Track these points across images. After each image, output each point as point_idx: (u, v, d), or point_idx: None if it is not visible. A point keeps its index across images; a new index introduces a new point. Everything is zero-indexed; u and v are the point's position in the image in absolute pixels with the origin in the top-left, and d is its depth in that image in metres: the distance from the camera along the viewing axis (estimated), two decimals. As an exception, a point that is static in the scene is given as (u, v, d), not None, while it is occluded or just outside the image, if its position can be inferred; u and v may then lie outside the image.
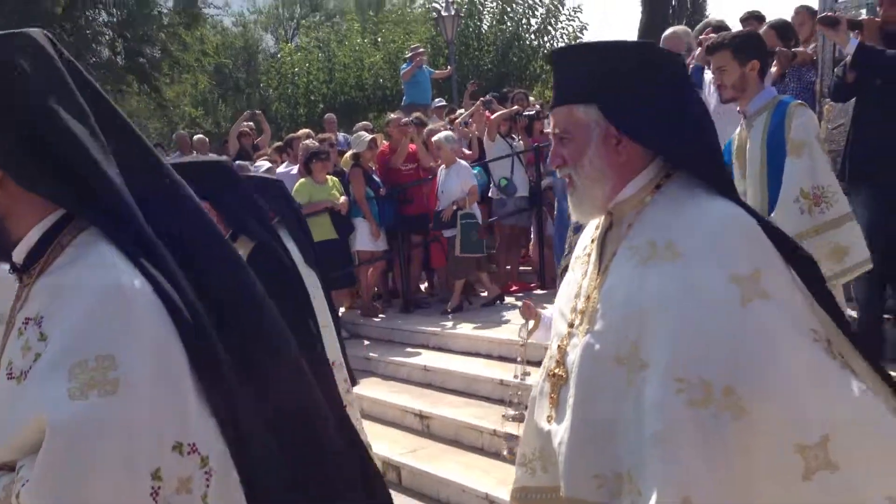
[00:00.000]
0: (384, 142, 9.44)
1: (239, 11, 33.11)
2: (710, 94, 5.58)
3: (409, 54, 13.48)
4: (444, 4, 16.92)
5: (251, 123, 12.00)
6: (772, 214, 3.55)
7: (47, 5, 17.45)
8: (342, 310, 8.61)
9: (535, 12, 20.28)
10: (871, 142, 4.72)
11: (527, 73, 19.09)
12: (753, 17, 7.00)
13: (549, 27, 20.43)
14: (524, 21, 20.32)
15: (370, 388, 6.69)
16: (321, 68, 21.87)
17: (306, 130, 10.87)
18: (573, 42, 20.44)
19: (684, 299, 1.57)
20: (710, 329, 1.54)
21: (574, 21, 20.38)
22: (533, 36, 20.51)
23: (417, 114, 9.95)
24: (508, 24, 20.30)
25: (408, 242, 8.66)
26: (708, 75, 5.64)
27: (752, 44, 3.79)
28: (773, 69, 5.52)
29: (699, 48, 5.52)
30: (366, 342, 7.93)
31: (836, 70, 4.92)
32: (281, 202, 4.76)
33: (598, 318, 1.73)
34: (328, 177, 8.37)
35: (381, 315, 8.49)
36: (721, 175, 1.76)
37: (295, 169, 9.15)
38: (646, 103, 1.69)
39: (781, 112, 3.66)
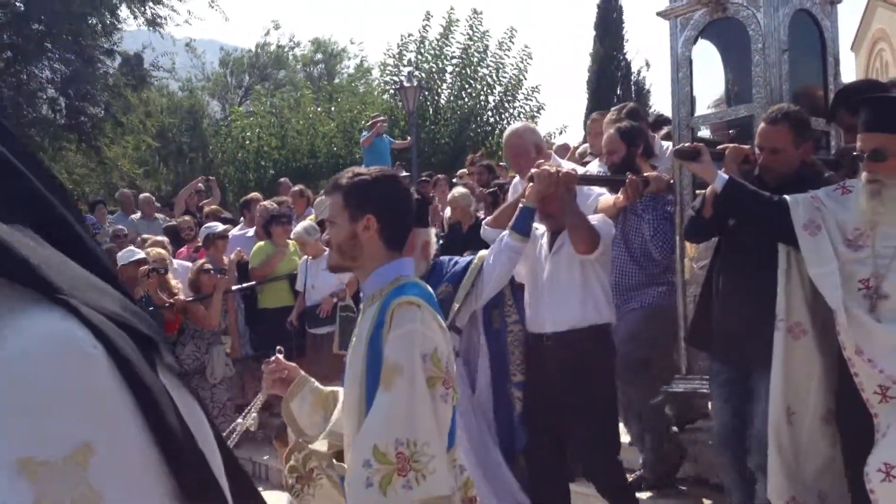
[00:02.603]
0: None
1: (187, 77, 32.75)
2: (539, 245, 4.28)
3: (369, 122, 13.23)
4: (406, 75, 16.80)
5: (202, 186, 11.70)
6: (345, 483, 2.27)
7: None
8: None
9: (494, 90, 20.31)
10: (737, 309, 3.67)
11: (483, 148, 18.98)
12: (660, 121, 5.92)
13: (507, 105, 20.46)
14: (482, 98, 20.33)
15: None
16: (273, 134, 21.48)
17: (257, 194, 10.46)
18: (529, 121, 20.55)
19: None
20: None
21: (531, 101, 20.48)
22: (490, 113, 20.50)
23: None
24: (466, 99, 20.28)
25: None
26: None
27: (366, 192, 2.41)
28: (620, 197, 4.46)
29: (528, 183, 4.16)
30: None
31: (693, 203, 3.96)
32: None
33: None
34: (289, 241, 7.89)
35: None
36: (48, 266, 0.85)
37: (251, 231, 8.78)
38: None
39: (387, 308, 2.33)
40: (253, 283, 7.69)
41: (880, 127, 3.15)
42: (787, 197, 3.39)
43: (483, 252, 4.11)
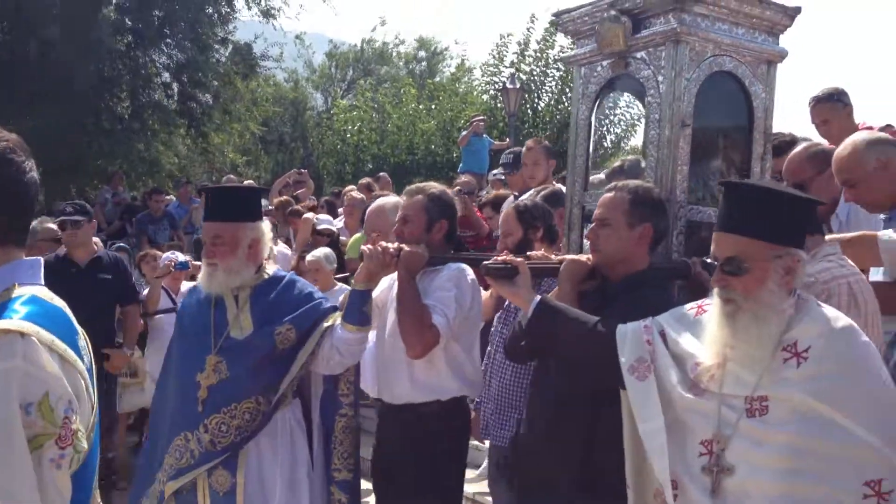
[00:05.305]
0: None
1: (293, 68, 33.51)
2: None
3: (469, 122, 13.35)
4: (508, 77, 16.87)
5: (298, 177, 12.11)
6: None
7: (110, 43, 17.57)
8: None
9: (594, 96, 20.12)
10: (545, 455, 2.88)
11: (582, 154, 18.84)
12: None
13: (608, 111, 20.22)
14: (582, 103, 20.15)
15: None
16: (374, 129, 21.86)
17: (365, 181, 10.75)
18: (629, 129, 20.28)
19: None
20: None
21: (632, 108, 20.15)
22: (590, 119, 20.35)
23: (463, 181, 9.56)
24: (567, 104, 20.18)
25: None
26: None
27: None
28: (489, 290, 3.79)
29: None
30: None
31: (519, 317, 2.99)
32: None
33: None
34: (386, 234, 8.04)
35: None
36: None
37: (342, 223, 9.01)
38: None
39: None
40: (347, 274, 7.85)
41: (742, 227, 2.24)
42: (619, 327, 2.49)
43: (337, 314, 3.39)
